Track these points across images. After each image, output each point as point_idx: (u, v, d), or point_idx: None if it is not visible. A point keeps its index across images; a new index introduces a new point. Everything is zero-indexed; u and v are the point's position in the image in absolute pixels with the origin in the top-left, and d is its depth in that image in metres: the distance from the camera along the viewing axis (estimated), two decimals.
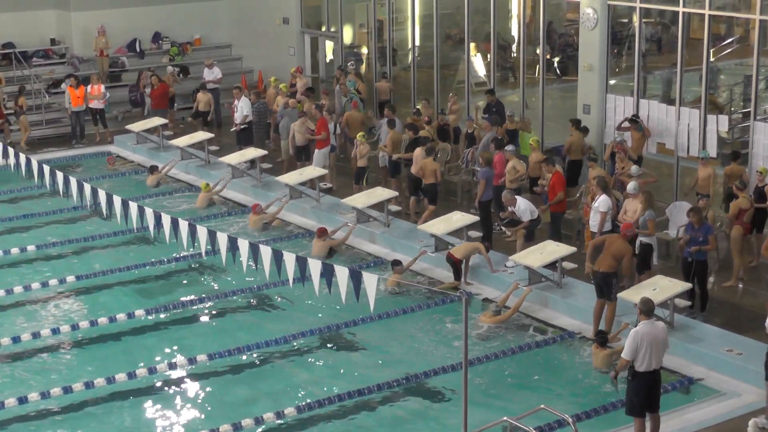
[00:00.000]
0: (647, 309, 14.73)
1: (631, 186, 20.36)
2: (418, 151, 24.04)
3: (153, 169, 28.38)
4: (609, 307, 18.45)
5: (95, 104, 32.13)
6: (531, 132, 25.91)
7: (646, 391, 14.66)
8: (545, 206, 21.82)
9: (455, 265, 20.85)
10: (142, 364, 18.06)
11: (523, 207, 21.38)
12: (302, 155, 27.61)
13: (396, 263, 21.24)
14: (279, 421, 16.26)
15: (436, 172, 23.61)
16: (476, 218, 22.38)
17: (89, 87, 32.01)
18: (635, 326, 14.83)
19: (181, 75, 34.66)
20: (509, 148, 23.42)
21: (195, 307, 20.63)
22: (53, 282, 21.66)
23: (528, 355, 18.42)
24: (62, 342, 19.22)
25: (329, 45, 34.79)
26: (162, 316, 20.24)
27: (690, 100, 24.29)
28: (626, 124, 24.12)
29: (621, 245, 18.46)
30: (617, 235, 18.85)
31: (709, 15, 23.22)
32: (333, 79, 32.55)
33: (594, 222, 20.38)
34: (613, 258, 18.40)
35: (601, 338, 17.56)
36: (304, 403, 16.63)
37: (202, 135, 29.69)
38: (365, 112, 29.62)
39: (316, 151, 26.83)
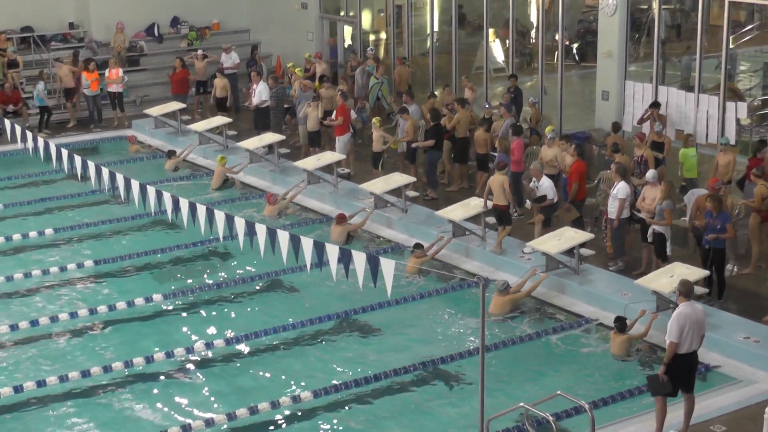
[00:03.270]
0: (686, 290, 14.65)
1: (650, 174, 20.29)
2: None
3: (171, 154, 28.43)
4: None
5: (114, 88, 32.21)
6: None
7: (687, 373, 14.61)
8: (567, 204, 21.72)
9: (503, 212, 21.12)
10: (159, 349, 18.12)
11: (547, 184, 21.41)
12: (315, 141, 27.64)
13: (417, 247, 21.24)
14: (295, 406, 16.29)
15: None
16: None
17: (107, 71, 32.10)
18: (674, 309, 14.80)
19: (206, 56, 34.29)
20: (551, 135, 23.32)
21: (212, 292, 20.66)
22: (71, 266, 21.72)
23: (545, 341, 18.41)
24: (80, 326, 19.27)
25: (348, 30, 34.81)
26: (179, 300, 20.28)
27: (709, 87, 24.20)
28: (646, 114, 24.03)
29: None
30: (705, 194, 19.60)
31: (729, 1, 23.11)
32: (348, 64, 32.58)
33: (612, 209, 20.34)
34: None
35: (620, 324, 17.53)
36: (320, 388, 16.64)
37: (220, 120, 29.69)
38: (391, 95, 29.72)
39: (337, 138, 26.82)
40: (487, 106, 26.44)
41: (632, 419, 15.41)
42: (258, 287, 20.93)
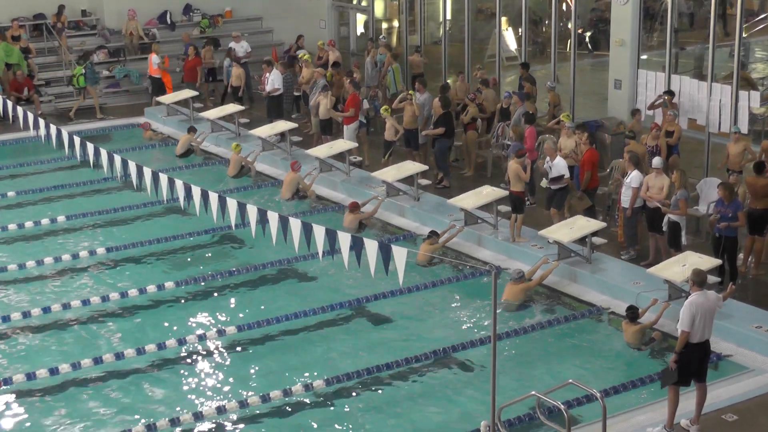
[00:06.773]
0: (699, 280, 14.64)
1: (656, 161, 20.18)
2: None
3: (191, 130, 28.36)
4: (759, 241, 19.55)
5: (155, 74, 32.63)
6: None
7: (698, 362, 14.59)
8: (579, 193, 21.69)
9: (519, 197, 21.14)
10: (171, 336, 18.14)
11: (561, 164, 21.40)
12: (326, 129, 27.64)
13: (432, 234, 21.19)
14: (307, 393, 16.31)
15: None
16: (506, 192, 22.34)
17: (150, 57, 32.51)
18: (686, 298, 14.79)
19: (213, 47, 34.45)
20: (569, 125, 23.28)
21: (224, 280, 20.68)
22: (83, 253, 21.76)
23: (557, 329, 18.40)
24: (92, 313, 19.31)
25: (360, 18, 34.79)
26: (192, 288, 20.31)
27: (722, 76, 24.15)
28: (659, 101, 24.00)
29: (763, 182, 19.36)
30: (754, 176, 19.56)
31: None
32: (364, 51, 32.56)
33: (626, 198, 20.31)
34: (765, 196, 19.32)
35: (632, 313, 17.52)
36: (332, 376, 16.66)
37: (232, 108, 29.74)
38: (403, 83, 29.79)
39: (345, 126, 26.82)
40: (506, 95, 26.35)
41: (644, 408, 15.42)
42: (269, 275, 20.93)
